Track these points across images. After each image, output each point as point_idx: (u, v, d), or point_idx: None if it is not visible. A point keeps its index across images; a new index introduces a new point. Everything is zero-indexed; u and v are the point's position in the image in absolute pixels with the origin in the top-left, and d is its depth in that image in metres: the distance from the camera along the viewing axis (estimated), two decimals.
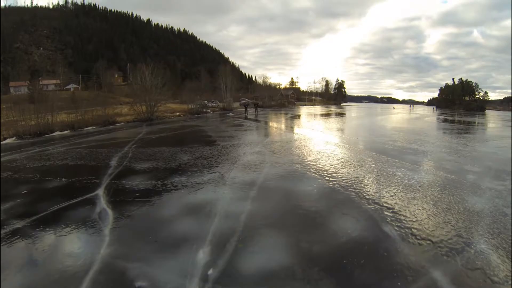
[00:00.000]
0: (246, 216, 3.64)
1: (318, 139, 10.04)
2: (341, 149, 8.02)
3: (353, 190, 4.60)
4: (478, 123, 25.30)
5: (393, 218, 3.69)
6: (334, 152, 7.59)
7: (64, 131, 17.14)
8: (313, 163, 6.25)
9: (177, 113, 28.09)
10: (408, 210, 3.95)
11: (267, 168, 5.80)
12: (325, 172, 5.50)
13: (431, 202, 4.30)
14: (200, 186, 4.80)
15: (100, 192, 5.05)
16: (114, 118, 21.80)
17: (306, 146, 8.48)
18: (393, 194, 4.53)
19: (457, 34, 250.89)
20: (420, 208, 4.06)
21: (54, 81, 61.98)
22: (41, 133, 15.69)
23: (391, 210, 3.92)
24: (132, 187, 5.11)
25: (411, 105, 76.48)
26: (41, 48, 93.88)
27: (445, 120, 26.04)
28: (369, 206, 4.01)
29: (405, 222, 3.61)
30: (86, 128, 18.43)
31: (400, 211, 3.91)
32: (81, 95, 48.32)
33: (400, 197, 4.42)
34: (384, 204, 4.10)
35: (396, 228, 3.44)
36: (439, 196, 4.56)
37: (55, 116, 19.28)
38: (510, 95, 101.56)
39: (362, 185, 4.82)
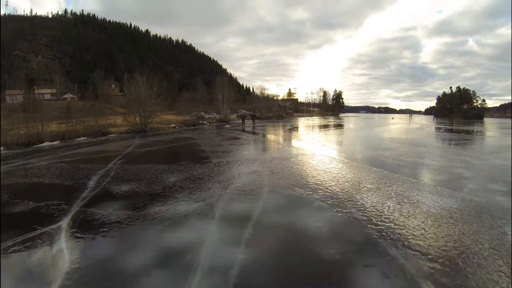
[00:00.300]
0: (238, 271, 2.70)
1: (321, 155, 9.15)
2: (349, 168, 7.14)
3: (373, 226, 3.69)
4: (480, 132, 24.73)
5: (432, 270, 2.79)
6: (341, 171, 6.70)
7: (54, 141, 16.57)
8: (319, 186, 5.35)
9: (173, 125, 27.28)
10: (448, 256, 3.05)
11: (265, 194, 4.87)
12: (335, 200, 4.60)
13: (470, 240, 3.41)
14: (182, 221, 3.87)
15: (65, 223, 4.16)
16: (106, 129, 21.05)
17: (308, 164, 7.59)
18: (423, 230, 3.62)
19: (453, 43, 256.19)
20: (463, 253, 3.14)
21: (49, 90, 61.43)
22: (30, 144, 15.05)
23: (427, 257, 3.01)
24: (102, 218, 4.19)
25: (410, 115, 76.26)
26: (40, 56, 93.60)
27: (447, 130, 25.37)
28: (398, 252, 3.10)
29: (450, 276, 2.70)
30: (77, 139, 17.91)
31: (438, 258, 3.00)
32: (77, 105, 47.57)
33: (433, 235, 3.52)
34: (417, 248, 3.18)
35: None
36: (478, 231, 3.66)
37: (46, 126, 18.69)
38: (507, 102, 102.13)
39: (383, 218, 3.91)
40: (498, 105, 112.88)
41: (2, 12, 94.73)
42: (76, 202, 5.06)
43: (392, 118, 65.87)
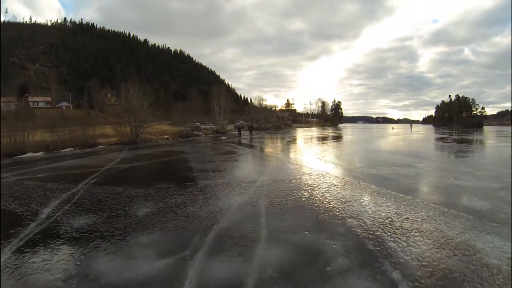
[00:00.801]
0: None
1: (330, 175, 7.69)
2: (369, 194, 5.70)
3: None
4: (488, 141, 23.58)
5: None
6: (360, 200, 5.26)
7: (38, 152, 15.30)
8: (337, 228, 3.91)
9: (166, 136, 25.91)
10: None
11: (263, 244, 3.38)
12: (364, 252, 3.17)
13: None
14: None
15: None
16: (95, 140, 19.81)
17: (317, 190, 6.10)
18: None
19: (449, 53, 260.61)
20: None
21: (42, 98, 60.46)
22: (11, 154, 13.89)
23: None
24: (27, 280, 2.79)
25: (411, 125, 75.15)
26: (37, 64, 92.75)
27: (455, 140, 24.11)
28: None
29: None
30: (62, 150, 17.00)
31: None
32: (71, 113, 46.23)
33: None
34: None
35: None
36: None
37: (33, 135, 17.31)
38: (504, 110, 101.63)
39: None
40: (495, 112, 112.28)
41: (2, 19, 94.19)
42: (10, 245, 3.73)
43: (392, 128, 64.98)
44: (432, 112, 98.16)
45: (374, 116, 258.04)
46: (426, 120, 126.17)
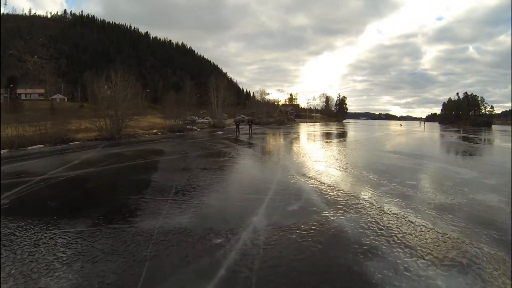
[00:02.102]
0: None
1: (381, 213, 4.34)
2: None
3: None
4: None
5: None
6: None
7: (1, 150, 12.97)
8: None
9: (155, 130, 23.03)
10: None
11: None
12: None
13: None
14: None
15: None
16: (70, 135, 17.23)
17: (379, 266, 2.90)
18: None
19: (453, 50, 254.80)
20: None
21: (32, 90, 58.01)
22: None
23: None
24: None
25: (423, 122, 70.95)
26: (36, 56, 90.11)
27: (482, 140, 20.91)
28: None
29: None
30: (30, 147, 14.29)
31: None
32: (63, 106, 43.66)
33: None
34: None
35: None
36: None
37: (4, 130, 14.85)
38: (508, 109, 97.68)
39: None
40: (499, 112, 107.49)
41: (2, 11, 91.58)
42: None
43: (400, 125, 61.54)
44: (435, 110, 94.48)
45: (377, 113, 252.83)
46: (430, 118, 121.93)
